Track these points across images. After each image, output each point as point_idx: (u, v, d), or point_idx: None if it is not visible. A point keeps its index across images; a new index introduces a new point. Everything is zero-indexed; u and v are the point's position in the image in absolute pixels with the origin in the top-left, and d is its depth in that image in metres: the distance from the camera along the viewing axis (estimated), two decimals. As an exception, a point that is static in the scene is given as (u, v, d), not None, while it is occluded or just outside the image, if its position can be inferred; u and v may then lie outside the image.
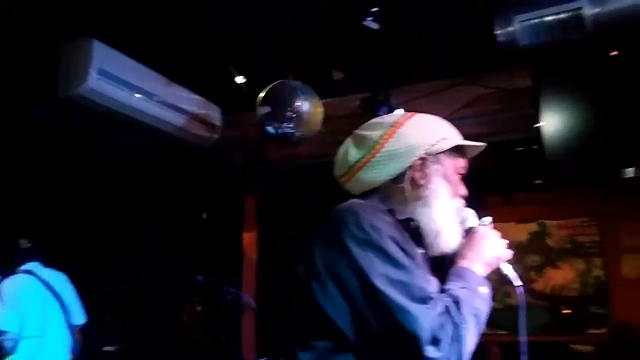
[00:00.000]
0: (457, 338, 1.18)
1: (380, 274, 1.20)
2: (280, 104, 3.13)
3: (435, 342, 1.16)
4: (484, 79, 3.25)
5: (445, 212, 1.40)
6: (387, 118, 1.47)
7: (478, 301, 1.27)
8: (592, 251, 4.89)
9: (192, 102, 3.54)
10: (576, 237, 4.97)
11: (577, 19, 2.52)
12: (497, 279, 1.43)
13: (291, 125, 3.11)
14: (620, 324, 4.52)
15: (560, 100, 2.87)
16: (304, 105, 3.12)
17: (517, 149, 3.59)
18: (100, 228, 3.55)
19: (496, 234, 1.41)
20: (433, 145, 1.38)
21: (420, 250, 1.38)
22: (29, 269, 3.28)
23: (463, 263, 1.35)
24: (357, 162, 1.42)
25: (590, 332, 4.75)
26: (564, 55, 2.80)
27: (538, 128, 2.92)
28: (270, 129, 3.16)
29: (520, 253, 5.12)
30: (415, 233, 1.39)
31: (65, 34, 2.90)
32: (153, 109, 3.24)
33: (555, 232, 5.05)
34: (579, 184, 3.70)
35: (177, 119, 3.42)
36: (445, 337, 1.17)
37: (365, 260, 1.21)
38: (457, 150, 1.44)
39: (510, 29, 2.66)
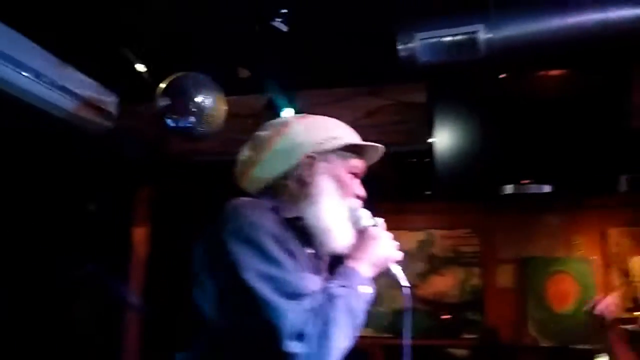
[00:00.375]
0: (324, 335, 1.19)
1: (252, 269, 1.21)
2: (182, 96, 3.04)
3: (300, 337, 1.17)
4: (385, 90, 3.39)
5: (333, 211, 1.42)
6: (280, 119, 1.53)
7: (355, 300, 1.28)
8: (472, 261, 5.22)
9: (85, 86, 3.34)
10: (459, 247, 5.29)
11: (472, 42, 2.70)
12: (385, 283, 1.49)
13: (192, 120, 3.03)
14: (489, 329, 4.87)
15: (452, 117, 3.06)
16: (206, 100, 3.05)
17: (410, 160, 3.76)
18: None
19: (387, 235, 1.43)
20: (320, 144, 1.42)
21: (308, 250, 1.41)
22: None
23: (350, 262, 1.37)
24: (247, 160, 1.47)
25: (464, 336, 5.06)
26: (458, 74, 2.98)
27: (430, 142, 3.09)
28: (169, 122, 3.05)
29: (409, 260, 5.34)
30: (302, 232, 1.40)
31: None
32: (42, 91, 3.02)
33: (440, 241, 5.33)
34: (463, 197, 3.96)
35: (68, 103, 3.21)
36: (312, 333, 1.18)
37: (239, 257, 1.22)
38: (353, 152, 1.48)
39: (410, 45, 2.80)
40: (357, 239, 1.43)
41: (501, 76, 2.95)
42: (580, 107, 2.88)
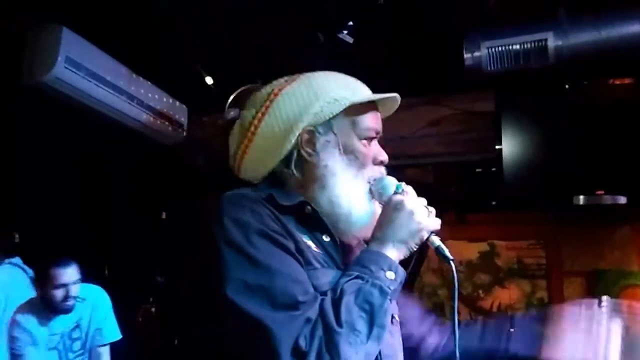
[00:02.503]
0: (330, 345, 0.95)
1: (236, 279, 0.99)
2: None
3: (299, 355, 0.94)
4: (450, 100, 3.36)
5: (350, 190, 1.15)
6: (266, 88, 1.21)
7: (374, 292, 1.01)
8: (538, 273, 5.07)
9: (159, 99, 3.50)
10: (523, 258, 5.15)
11: (541, 50, 2.65)
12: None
13: (259, 131, 3.11)
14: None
15: (520, 126, 3.00)
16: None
17: (476, 170, 3.71)
18: (62, 223, 3.45)
19: (416, 202, 1.12)
20: (318, 112, 1.14)
21: (325, 238, 1.15)
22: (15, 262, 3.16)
23: (371, 245, 1.11)
24: (236, 151, 1.21)
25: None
26: (526, 82, 2.93)
27: (498, 151, 3.04)
28: (237, 133, 3.15)
29: (471, 271, 5.27)
30: (312, 219, 1.14)
31: (34, 19, 2.82)
32: (119, 103, 3.18)
33: (504, 252, 5.20)
34: (532, 207, 3.86)
35: (142, 115, 3.37)
36: (313, 347, 0.95)
37: (221, 264, 1.01)
38: (364, 109, 1.19)
39: (477, 54, 2.78)
40: (380, 214, 1.15)
41: (570, 85, 2.87)
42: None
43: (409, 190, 1.16)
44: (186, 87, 3.57)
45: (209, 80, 3.45)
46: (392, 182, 1.18)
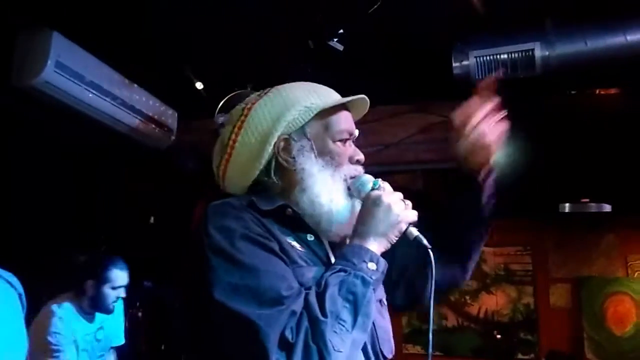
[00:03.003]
0: (316, 335, 1.00)
1: (224, 282, 1.05)
2: (238, 113, 3.14)
3: (286, 346, 0.99)
4: (439, 107, 3.39)
5: (329, 190, 1.22)
6: (239, 105, 1.29)
7: (360, 284, 1.08)
8: (525, 279, 5.13)
9: (148, 103, 3.49)
10: (510, 264, 5.20)
11: (528, 59, 2.69)
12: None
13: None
14: (552, 351, 4.75)
15: (507, 134, 3.03)
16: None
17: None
18: (44, 226, 3.43)
19: (393, 197, 1.20)
20: (292, 121, 1.22)
21: (309, 238, 1.22)
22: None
23: (353, 239, 1.18)
24: (219, 165, 1.28)
25: (519, 357, 4.96)
26: (514, 91, 2.96)
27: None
28: (227, 138, 3.16)
29: (458, 277, 5.31)
30: (294, 220, 1.21)
31: (24, 22, 2.82)
32: (108, 107, 3.17)
33: (491, 258, 5.26)
34: (519, 214, 3.90)
35: (132, 120, 3.37)
36: (299, 338, 1.00)
37: (210, 271, 1.07)
38: (335, 112, 1.27)
39: (465, 62, 2.81)
40: (360, 209, 1.22)
41: (556, 95, 2.91)
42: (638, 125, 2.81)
43: (386, 186, 1.24)
44: (176, 91, 3.57)
45: (199, 85, 3.46)
46: (369, 179, 1.25)
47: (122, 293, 2.74)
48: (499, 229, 5.10)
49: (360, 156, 1.29)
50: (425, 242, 1.19)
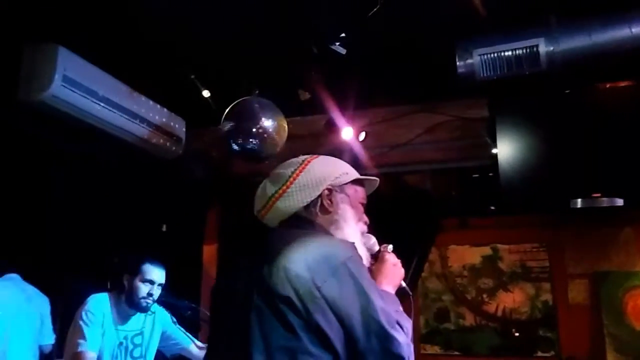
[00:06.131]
0: (411, 357, 1.38)
1: (376, 304, 1.35)
2: (245, 120, 3.16)
3: None
4: (444, 107, 3.38)
5: (353, 234, 1.61)
6: (298, 158, 1.68)
7: (404, 319, 1.44)
8: (542, 276, 5.07)
9: (156, 113, 3.53)
10: (526, 261, 5.15)
11: (532, 55, 2.67)
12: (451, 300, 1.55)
13: (255, 142, 3.14)
14: (565, 347, 4.69)
15: (515, 131, 3.01)
16: (269, 122, 3.16)
17: (473, 175, 3.72)
18: (58, 239, 3.49)
19: (397, 260, 1.67)
20: (337, 178, 1.63)
21: None
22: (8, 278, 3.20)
23: (381, 287, 1.53)
24: (274, 194, 1.61)
25: (539, 355, 4.91)
26: (519, 88, 2.93)
27: (494, 156, 3.05)
28: (234, 145, 3.18)
29: (474, 275, 5.27)
30: None
31: (30, 38, 2.86)
32: (117, 119, 3.21)
33: (507, 256, 5.21)
34: (529, 211, 3.86)
35: (141, 130, 3.40)
36: (411, 357, 1.37)
37: (363, 294, 1.35)
38: (358, 184, 1.70)
39: (469, 61, 2.79)
40: (377, 264, 1.65)
41: (563, 90, 2.88)
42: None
43: (390, 247, 1.70)
44: (183, 100, 3.60)
45: (205, 93, 3.48)
46: (376, 241, 1.71)
47: (155, 290, 2.79)
48: (514, 226, 5.06)
49: (366, 219, 1.70)
50: (410, 291, 1.69)
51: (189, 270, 3.75)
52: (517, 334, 5.03)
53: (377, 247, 1.69)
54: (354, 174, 1.69)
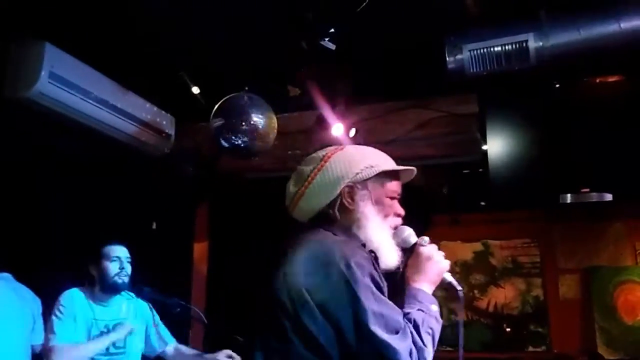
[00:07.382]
0: (421, 358, 1.33)
1: (368, 310, 1.29)
2: (234, 116, 3.14)
3: None
4: (434, 103, 3.37)
5: (378, 232, 1.52)
6: (320, 152, 1.61)
7: (432, 321, 1.40)
8: (533, 271, 5.08)
9: (145, 110, 3.50)
10: (518, 257, 5.16)
11: (522, 51, 2.67)
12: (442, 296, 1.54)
13: (245, 138, 3.13)
14: (556, 342, 4.71)
15: (505, 127, 3.01)
16: (258, 118, 3.14)
17: (464, 171, 3.73)
18: (45, 237, 3.46)
19: (436, 250, 1.55)
20: (357, 174, 1.53)
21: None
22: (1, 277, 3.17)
23: (415, 284, 1.48)
24: (295, 193, 1.58)
25: (530, 350, 4.92)
26: (509, 83, 2.94)
27: (484, 152, 3.05)
28: (223, 141, 3.16)
29: (466, 271, 5.27)
30: (375, 259, 1.46)
31: (16, 34, 2.83)
32: (105, 116, 3.19)
33: (498, 252, 5.22)
34: (519, 206, 3.87)
35: (129, 127, 3.38)
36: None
37: (355, 299, 1.30)
38: (390, 176, 1.58)
39: (459, 57, 2.78)
40: (411, 259, 1.55)
41: (552, 85, 2.88)
42: (638, 112, 2.77)
43: (427, 239, 1.57)
44: (172, 97, 3.57)
45: (195, 89, 3.46)
46: (412, 232, 1.57)
47: (125, 264, 2.76)
48: (505, 221, 5.07)
49: (402, 211, 1.59)
50: (457, 286, 1.57)
51: (179, 267, 3.74)
52: (508, 329, 5.04)
53: (412, 240, 1.57)
54: (382, 166, 1.56)
